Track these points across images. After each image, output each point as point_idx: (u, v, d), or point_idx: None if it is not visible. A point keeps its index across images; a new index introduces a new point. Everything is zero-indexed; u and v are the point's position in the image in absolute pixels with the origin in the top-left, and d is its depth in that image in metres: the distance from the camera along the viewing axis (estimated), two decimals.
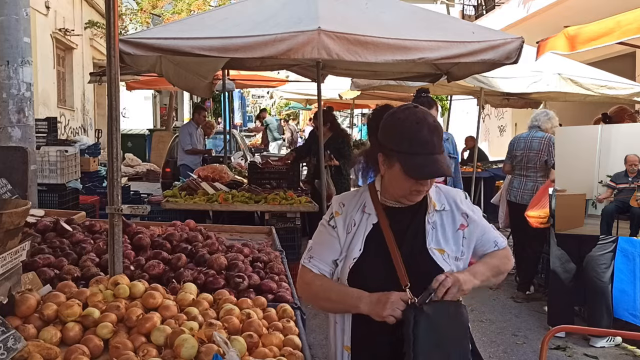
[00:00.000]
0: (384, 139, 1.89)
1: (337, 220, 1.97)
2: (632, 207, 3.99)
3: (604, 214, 4.13)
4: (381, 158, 1.91)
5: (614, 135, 4.18)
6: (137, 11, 17.06)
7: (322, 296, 1.94)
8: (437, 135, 1.83)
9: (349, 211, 1.98)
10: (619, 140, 4.13)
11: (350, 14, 5.11)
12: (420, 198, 1.92)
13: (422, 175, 1.82)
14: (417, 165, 1.80)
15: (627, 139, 4.13)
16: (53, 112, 12.37)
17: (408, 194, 1.89)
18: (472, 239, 1.98)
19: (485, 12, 15.85)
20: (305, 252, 2.02)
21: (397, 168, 1.84)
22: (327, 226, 1.99)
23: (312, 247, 2.01)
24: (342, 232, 1.95)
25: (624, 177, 4.03)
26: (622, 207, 4.06)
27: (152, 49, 4.72)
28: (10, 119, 4.47)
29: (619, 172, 4.06)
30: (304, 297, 2.05)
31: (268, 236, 3.87)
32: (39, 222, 3.07)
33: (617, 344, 4.72)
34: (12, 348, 1.55)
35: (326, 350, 2.13)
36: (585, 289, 4.88)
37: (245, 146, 13.45)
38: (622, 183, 4.04)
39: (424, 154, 1.81)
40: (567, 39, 4.78)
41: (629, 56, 9.17)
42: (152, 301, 2.12)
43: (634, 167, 3.97)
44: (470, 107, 14.56)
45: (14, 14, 4.42)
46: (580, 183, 4.25)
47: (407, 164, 1.81)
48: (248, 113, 35.77)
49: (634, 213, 4.01)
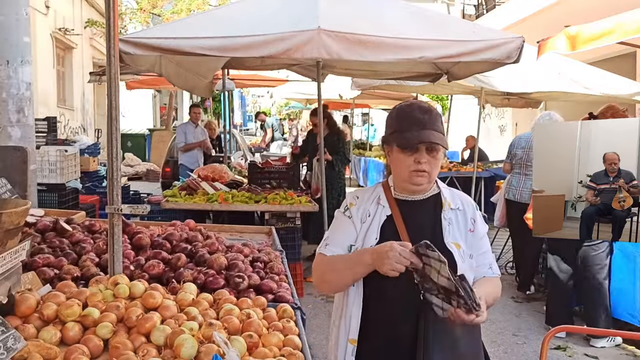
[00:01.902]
0: (385, 130, 2.00)
1: (352, 210, 2.03)
2: (614, 210, 3.67)
3: (583, 216, 3.81)
4: (386, 149, 2.00)
5: (594, 132, 3.92)
6: (137, 11, 17.06)
7: (329, 269, 1.96)
8: (430, 115, 1.91)
9: (363, 203, 2.03)
10: (599, 137, 3.87)
11: (350, 13, 5.11)
12: (423, 181, 1.94)
13: (409, 144, 1.89)
14: (408, 137, 1.89)
15: (606, 136, 3.88)
16: (53, 112, 12.37)
17: (409, 175, 1.93)
18: (472, 246, 1.99)
19: (485, 12, 15.85)
20: (321, 242, 2.06)
21: (395, 149, 1.93)
22: (343, 216, 2.04)
23: (328, 236, 2.05)
24: (357, 220, 2.00)
25: (604, 176, 3.74)
26: (603, 209, 3.74)
27: (152, 49, 4.72)
28: (9, 119, 4.46)
29: (598, 171, 3.77)
30: (316, 279, 2.05)
31: (268, 236, 3.86)
32: (39, 221, 3.06)
33: (618, 344, 4.72)
34: (12, 348, 1.55)
35: (326, 350, 2.13)
36: (581, 289, 4.88)
37: (245, 146, 13.45)
38: (603, 183, 3.74)
39: (415, 128, 1.89)
40: (567, 39, 4.78)
41: (629, 56, 9.17)
42: (152, 301, 2.12)
43: (613, 166, 3.67)
44: (471, 107, 14.55)
45: (13, 13, 4.40)
46: (559, 183, 3.96)
47: (400, 138, 1.91)
48: (248, 113, 35.77)
49: (616, 216, 3.66)
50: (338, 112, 22.51)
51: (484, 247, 2.02)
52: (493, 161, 10.93)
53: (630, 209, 3.73)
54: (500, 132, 15.59)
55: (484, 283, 1.97)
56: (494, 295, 1.99)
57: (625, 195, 3.66)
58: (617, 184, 3.72)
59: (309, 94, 13.54)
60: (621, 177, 3.73)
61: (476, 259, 1.98)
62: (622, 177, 3.72)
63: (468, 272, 1.92)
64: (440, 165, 1.99)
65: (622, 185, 3.66)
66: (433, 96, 15.92)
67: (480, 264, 2.00)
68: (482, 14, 16.07)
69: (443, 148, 1.91)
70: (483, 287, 1.93)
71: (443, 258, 1.67)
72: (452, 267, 1.85)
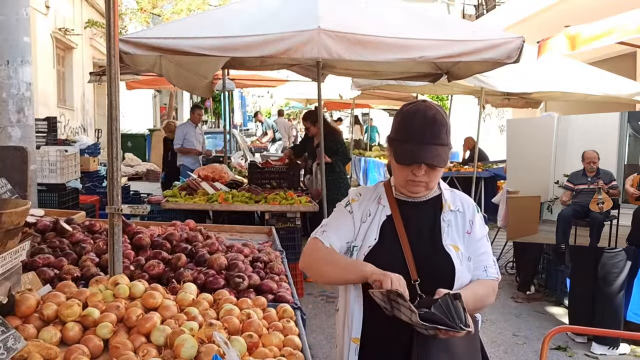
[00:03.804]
0: (390, 129, 1.98)
1: (354, 205, 2.03)
2: (591, 212, 3.39)
3: (560, 219, 3.52)
4: (388, 150, 1.99)
5: (571, 128, 3.63)
6: (137, 11, 17.08)
7: (329, 259, 1.94)
8: (433, 126, 1.85)
9: (365, 200, 2.03)
10: (576, 133, 3.57)
11: (350, 13, 5.11)
12: (419, 189, 1.94)
13: (404, 160, 1.87)
14: (404, 151, 1.87)
15: (584, 132, 3.58)
16: (53, 112, 12.37)
17: (405, 183, 1.93)
18: (470, 248, 1.97)
19: (485, 12, 15.85)
20: (317, 228, 2.04)
21: (392, 156, 1.92)
22: (344, 209, 2.04)
23: (327, 224, 2.04)
24: (357, 218, 2.00)
25: (582, 176, 3.45)
26: (581, 212, 3.44)
27: (152, 49, 4.72)
28: (10, 119, 4.46)
29: (576, 170, 3.47)
30: (306, 263, 2.01)
31: (268, 236, 3.86)
32: (39, 221, 3.06)
33: (622, 353, 4.56)
34: (12, 348, 1.55)
35: (326, 350, 2.13)
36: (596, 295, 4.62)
37: (245, 146, 13.45)
38: (581, 183, 3.45)
39: (413, 142, 1.85)
40: (567, 39, 4.77)
41: (629, 56, 9.16)
42: (152, 301, 2.11)
43: (592, 165, 3.37)
44: (471, 107, 14.55)
45: (14, 13, 4.41)
46: (534, 183, 3.66)
47: (396, 150, 1.89)
48: (248, 113, 35.75)
49: (595, 218, 3.36)
50: (339, 113, 22.53)
51: (482, 249, 1.99)
52: (493, 161, 10.92)
53: (609, 212, 3.50)
54: (500, 132, 15.59)
55: (472, 286, 1.91)
56: (482, 299, 1.91)
57: (605, 197, 3.44)
58: (596, 184, 3.46)
59: (309, 94, 13.55)
60: (600, 178, 3.49)
61: (474, 261, 1.96)
62: (601, 177, 3.49)
63: (466, 275, 1.92)
64: (442, 173, 1.95)
65: (602, 187, 3.44)
66: (433, 96, 15.91)
67: (476, 267, 1.96)
68: (482, 14, 16.07)
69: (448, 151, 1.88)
70: (470, 290, 1.87)
71: (413, 308, 1.63)
72: (450, 270, 1.85)
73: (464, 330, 1.63)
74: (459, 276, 1.89)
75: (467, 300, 1.77)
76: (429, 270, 1.85)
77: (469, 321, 1.67)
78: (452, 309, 1.65)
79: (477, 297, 1.88)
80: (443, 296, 1.68)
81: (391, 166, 2.01)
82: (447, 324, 1.62)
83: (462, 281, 1.90)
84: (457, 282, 1.88)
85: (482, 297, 1.91)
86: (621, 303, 4.55)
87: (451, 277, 1.88)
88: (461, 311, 1.65)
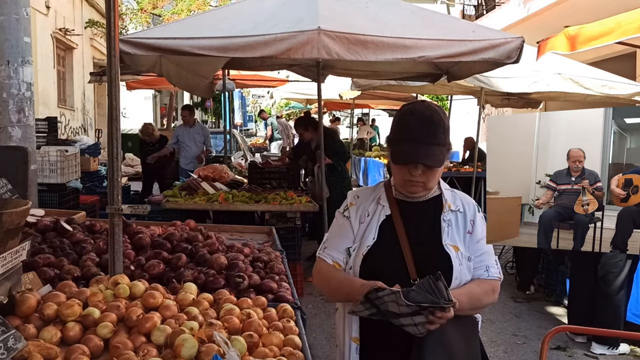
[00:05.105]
0: (390, 129, 2.00)
1: (351, 210, 2.04)
2: (575, 214, 3.22)
3: (541, 221, 3.46)
4: (388, 150, 2.00)
5: (554, 125, 3.65)
6: (137, 11, 17.09)
7: (326, 284, 2.01)
8: (429, 127, 1.86)
9: (363, 202, 2.04)
10: (560, 130, 3.60)
11: (350, 14, 5.11)
12: (416, 189, 1.94)
13: (400, 159, 1.89)
14: (400, 150, 1.88)
15: (569, 129, 3.56)
16: (53, 112, 12.38)
17: (403, 183, 1.94)
18: (471, 248, 1.97)
19: (485, 12, 15.85)
20: (321, 244, 2.08)
21: (390, 155, 1.94)
22: (342, 217, 2.05)
23: (327, 238, 2.06)
24: (355, 221, 2.00)
25: (566, 176, 3.18)
26: (564, 214, 3.49)
27: (152, 49, 4.72)
28: (10, 119, 4.47)
29: (560, 170, 3.18)
30: (317, 284, 2.11)
31: (268, 236, 3.87)
32: (39, 221, 3.06)
33: (621, 353, 4.58)
34: (12, 348, 1.55)
35: (326, 350, 2.13)
36: (596, 295, 4.66)
37: (246, 146, 13.46)
38: (564, 184, 3.26)
39: (408, 141, 1.86)
40: (567, 39, 4.77)
41: (629, 56, 9.17)
42: (152, 301, 2.12)
43: (578, 165, 3.21)
44: (471, 107, 14.55)
45: (14, 13, 4.41)
46: (515, 183, 3.55)
47: (393, 149, 1.91)
48: (248, 113, 35.78)
49: (579, 221, 3.35)
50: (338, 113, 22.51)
51: (483, 249, 1.99)
52: None
53: (594, 214, 3.43)
54: None
55: (469, 285, 1.91)
56: (480, 297, 1.91)
57: (590, 199, 3.37)
58: (580, 184, 3.39)
59: (309, 94, 13.56)
60: (585, 178, 3.42)
61: (475, 261, 1.96)
62: (586, 177, 3.42)
63: (466, 275, 1.92)
64: (440, 173, 1.95)
65: (587, 187, 3.36)
66: (433, 96, 15.92)
67: (477, 266, 1.96)
68: (482, 14, 16.05)
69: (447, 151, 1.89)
70: (465, 289, 1.88)
71: (395, 289, 1.67)
72: (449, 270, 1.86)
73: (448, 305, 1.66)
74: (457, 276, 1.89)
75: (462, 299, 1.78)
76: (428, 270, 1.85)
77: (452, 298, 1.69)
78: (434, 288, 1.67)
79: (473, 296, 1.88)
80: (424, 278, 1.71)
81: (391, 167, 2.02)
82: (431, 301, 1.65)
83: (461, 281, 1.90)
84: (455, 282, 1.88)
85: (479, 296, 1.91)
86: (621, 303, 4.56)
87: (450, 277, 1.87)
88: (443, 289, 1.68)
